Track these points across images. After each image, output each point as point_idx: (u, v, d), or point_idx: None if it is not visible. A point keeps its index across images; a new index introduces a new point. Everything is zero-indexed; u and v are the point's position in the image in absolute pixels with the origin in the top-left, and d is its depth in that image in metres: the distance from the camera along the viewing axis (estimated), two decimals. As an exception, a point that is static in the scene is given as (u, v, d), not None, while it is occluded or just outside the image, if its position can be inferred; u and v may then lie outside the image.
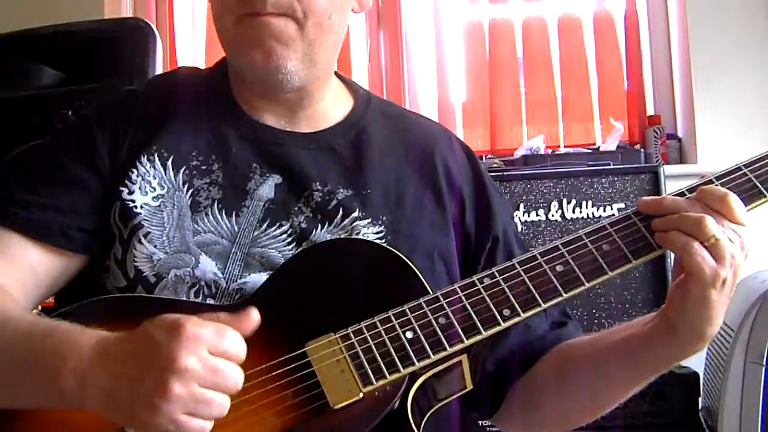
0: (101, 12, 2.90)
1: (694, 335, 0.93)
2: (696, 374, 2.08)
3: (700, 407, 2.07)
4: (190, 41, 3.17)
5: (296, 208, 1.06)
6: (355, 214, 1.06)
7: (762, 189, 0.97)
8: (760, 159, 0.99)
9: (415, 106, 2.99)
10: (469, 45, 2.99)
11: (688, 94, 2.76)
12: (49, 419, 0.88)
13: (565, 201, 2.17)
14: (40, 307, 1.09)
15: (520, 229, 2.15)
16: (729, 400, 1.82)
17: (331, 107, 1.13)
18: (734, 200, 0.92)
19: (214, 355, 0.78)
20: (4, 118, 1.60)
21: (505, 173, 2.33)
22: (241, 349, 0.81)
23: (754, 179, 0.97)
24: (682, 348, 0.95)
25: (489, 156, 2.87)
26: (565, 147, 2.90)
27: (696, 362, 2.15)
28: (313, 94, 1.10)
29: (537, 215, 2.18)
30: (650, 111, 2.93)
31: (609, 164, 2.32)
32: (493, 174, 2.28)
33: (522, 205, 2.17)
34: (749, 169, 0.98)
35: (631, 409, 2.04)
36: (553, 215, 2.17)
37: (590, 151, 2.79)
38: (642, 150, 2.76)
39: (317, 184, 1.07)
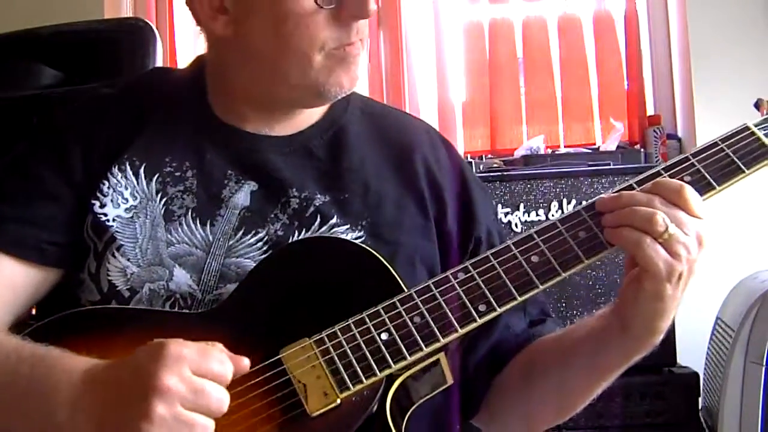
0: (101, 12, 2.89)
1: (647, 331, 0.92)
2: (696, 374, 2.08)
3: (700, 407, 2.07)
4: (190, 41, 3.17)
5: (272, 215, 1.04)
6: (333, 221, 1.04)
7: (709, 178, 0.95)
8: (707, 149, 0.97)
9: (415, 106, 2.99)
10: (469, 45, 2.99)
11: (688, 94, 2.76)
12: None
13: (565, 201, 2.17)
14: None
15: (519, 230, 2.15)
16: (729, 400, 1.82)
17: (309, 108, 1.11)
18: (690, 192, 0.90)
19: (197, 375, 0.78)
20: (4, 118, 1.60)
21: (505, 173, 2.33)
22: (226, 369, 0.80)
23: (701, 168, 0.95)
24: (635, 344, 0.94)
25: (489, 156, 2.87)
26: (565, 147, 2.89)
27: (696, 362, 2.16)
28: None
29: (537, 215, 2.18)
30: (650, 111, 2.92)
31: (609, 164, 2.32)
32: (493, 174, 2.29)
33: (522, 205, 2.17)
34: (698, 158, 0.96)
35: (631, 409, 2.05)
36: (553, 215, 2.17)
37: (590, 151, 2.79)
38: (642, 150, 2.76)
39: (294, 190, 1.05)
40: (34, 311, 1.06)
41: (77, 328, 0.95)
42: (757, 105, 1.06)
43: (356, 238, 1.03)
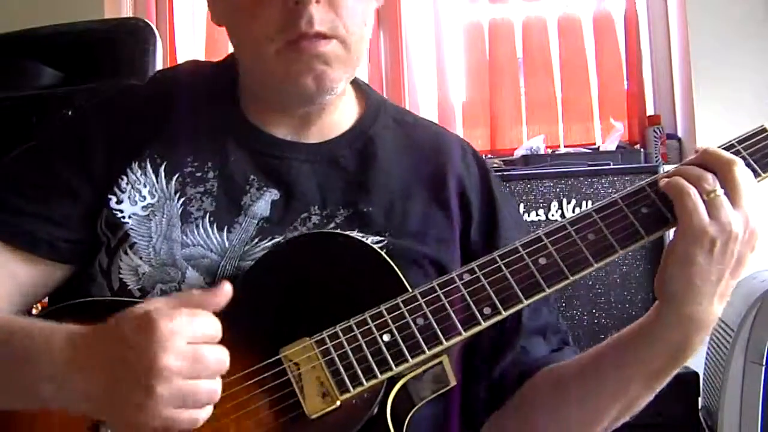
0: (101, 12, 2.90)
1: (680, 314, 0.89)
2: (696, 374, 2.08)
3: (700, 407, 2.07)
4: (190, 41, 3.17)
5: (291, 227, 1.00)
6: (353, 234, 1.00)
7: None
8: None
9: (415, 106, 2.99)
10: (469, 45, 2.99)
11: (688, 94, 2.76)
12: (21, 416, 0.86)
13: (565, 201, 2.17)
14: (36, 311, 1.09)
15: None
16: (729, 400, 1.82)
17: (340, 115, 1.07)
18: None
19: (191, 343, 0.76)
20: (4, 118, 1.60)
21: (505, 173, 2.33)
22: (216, 328, 0.79)
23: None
24: (671, 333, 0.90)
25: (489, 156, 2.87)
26: (565, 147, 2.89)
27: (696, 362, 2.15)
28: (333, 102, 1.04)
29: (537, 215, 2.18)
30: (650, 111, 2.92)
31: (609, 164, 2.32)
32: (493, 174, 2.28)
33: (522, 205, 2.17)
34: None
35: (631, 409, 2.04)
36: (553, 215, 2.17)
37: (590, 151, 2.79)
38: (642, 150, 2.75)
39: (316, 207, 1.01)
40: (39, 307, 1.06)
41: (79, 317, 0.93)
42: None
43: (375, 243, 1.00)
